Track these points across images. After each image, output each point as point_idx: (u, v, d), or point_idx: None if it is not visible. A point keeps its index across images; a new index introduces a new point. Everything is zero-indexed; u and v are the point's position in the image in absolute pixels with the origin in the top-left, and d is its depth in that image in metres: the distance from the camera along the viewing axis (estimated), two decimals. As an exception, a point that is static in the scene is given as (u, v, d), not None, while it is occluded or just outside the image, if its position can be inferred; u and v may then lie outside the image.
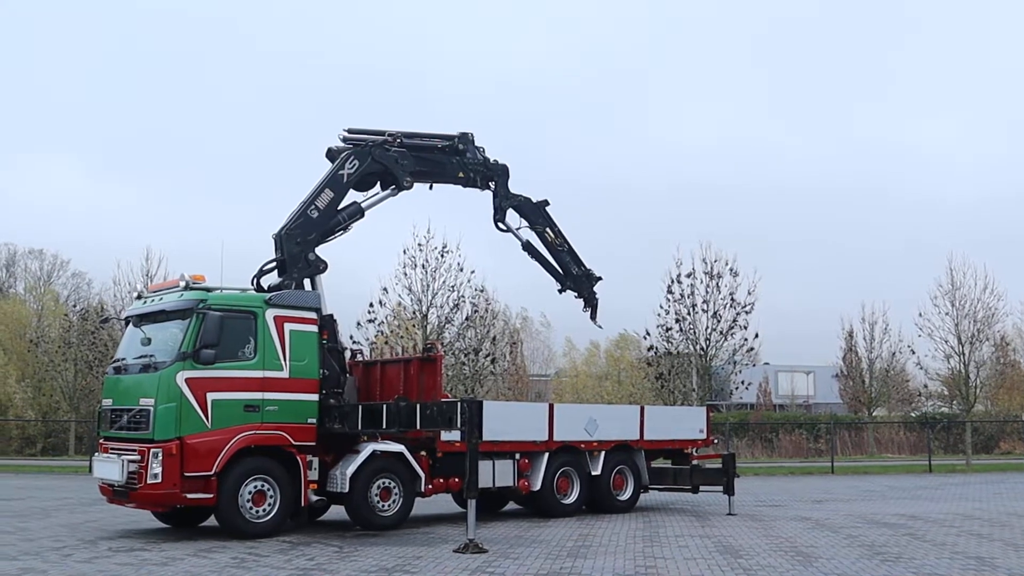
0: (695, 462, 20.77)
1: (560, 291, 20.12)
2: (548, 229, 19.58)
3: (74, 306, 51.59)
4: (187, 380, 14.15)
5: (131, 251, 67.79)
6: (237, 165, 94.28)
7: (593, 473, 18.64)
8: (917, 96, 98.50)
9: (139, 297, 16.42)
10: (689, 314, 35.42)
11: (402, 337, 35.72)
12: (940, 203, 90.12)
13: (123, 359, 15.57)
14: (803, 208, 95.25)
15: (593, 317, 20.34)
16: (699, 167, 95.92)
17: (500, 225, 19.31)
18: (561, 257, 19.80)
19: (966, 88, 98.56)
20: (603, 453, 18.80)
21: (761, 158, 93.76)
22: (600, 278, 20.16)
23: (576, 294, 20.09)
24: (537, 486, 17.75)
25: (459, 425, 14.20)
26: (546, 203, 19.58)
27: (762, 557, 12.50)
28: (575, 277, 19.93)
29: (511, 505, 19.21)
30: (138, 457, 14.05)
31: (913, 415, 49.98)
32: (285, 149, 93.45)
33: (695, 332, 35.41)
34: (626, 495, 19.27)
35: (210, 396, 14.27)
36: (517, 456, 17.52)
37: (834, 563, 11.91)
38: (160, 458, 13.83)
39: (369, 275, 35.05)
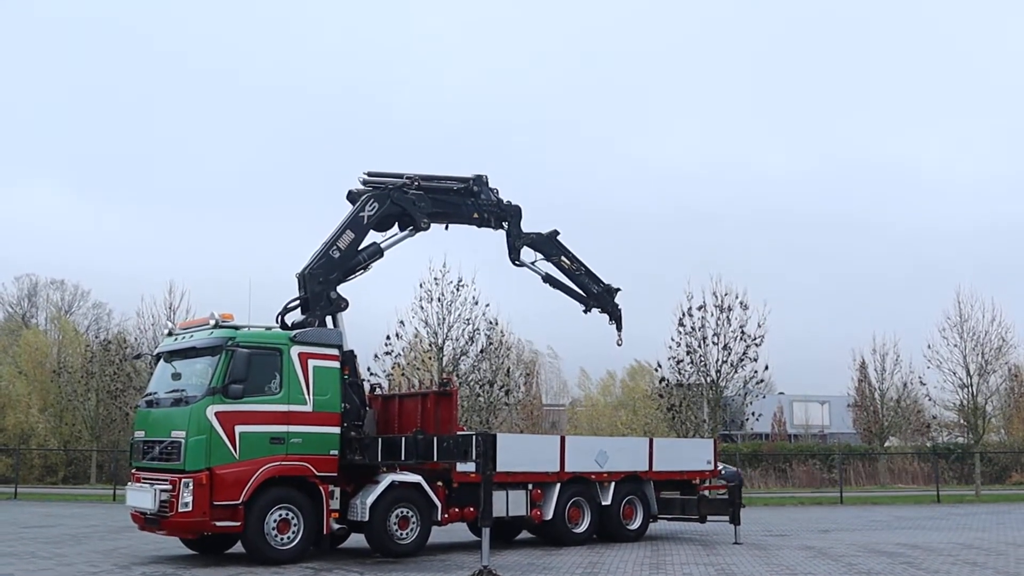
0: (703, 492, 21.38)
1: (585, 311, 20.92)
2: (563, 257, 20.40)
3: (96, 336, 52.55)
4: (216, 414, 14.94)
5: (149, 280, 69.05)
6: (254, 187, 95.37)
7: (603, 503, 19.28)
8: (918, 119, 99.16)
9: (170, 334, 17.24)
10: (700, 346, 36.08)
11: (418, 369, 36.52)
12: (941, 228, 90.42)
13: (155, 393, 16.37)
14: (804, 232, 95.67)
15: (619, 328, 21.10)
16: (685, 189, 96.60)
17: (516, 262, 20.08)
18: (580, 280, 20.61)
19: (966, 111, 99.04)
20: (613, 484, 19.44)
21: (754, 181, 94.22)
22: (619, 289, 21.02)
23: (600, 310, 20.90)
24: (549, 515, 18.41)
25: (474, 457, 14.96)
26: (556, 233, 20.39)
27: (761, 584, 13.14)
28: (596, 296, 20.77)
29: (524, 534, 19.82)
30: (170, 487, 14.82)
31: (928, 444, 50.21)
32: (290, 167, 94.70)
33: (706, 364, 36.06)
34: (635, 524, 19.89)
35: (238, 429, 15.05)
36: (530, 486, 18.21)
37: (829, 589, 12.55)
38: (191, 488, 14.60)
39: (386, 308, 35.76)
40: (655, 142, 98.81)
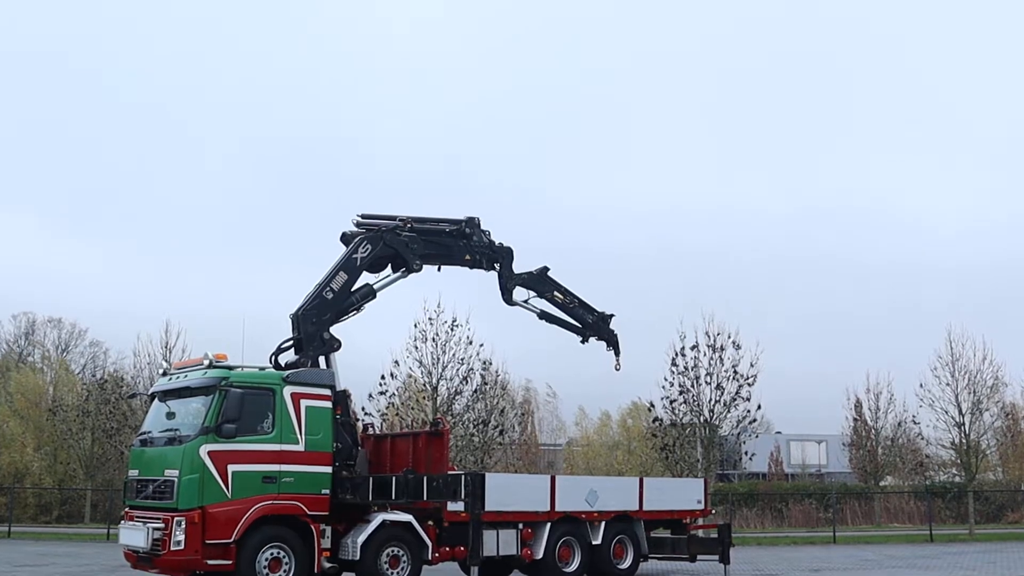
0: (693, 532, 21.52)
1: (583, 342, 21.25)
2: (556, 292, 20.71)
3: (92, 375, 52.71)
4: (210, 453, 15.16)
5: (145, 316, 69.14)
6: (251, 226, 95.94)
7: (594, 542, 19.42)
8: (898, 159, 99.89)
9: (164, 374, 17.51)
10: (693, 386, 36.25)
11: (412, 408, 36.69)
12: (924, 266, 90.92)
13: (149, 432, 16.59)
14: (790, 271, 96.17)
15: (617, 354, 21.42)
16: (668, 230, 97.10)
17: (510, 302, 20.36)
18: (575, 312, 20.93)
19: (947, 151, 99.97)
20: (603, 523, 19.59)
21: (740, 221, 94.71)
22: (613, 315, 21.37)
23: (597, 338, 21.21)
24: (540, 555, 18.55)
25: (463, 496, 15.17)
26: (546, 269, 20.71)
27: (746, 622, 13.29)
28: (592, 325, 21.11)
29: (515, 573, 19.88)
30: (162, 525, 15.01)
31: (927, 483, 50.23)
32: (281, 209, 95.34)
33: (699, 404, 36.20)
34: (626, 564, 20.02)
35: (231, 468, 15.26)
36: (520, 526, 18.36)
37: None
38: (183, 526, 14.79)
39: (381, 347, 36.03)
40: (636, 181, 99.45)
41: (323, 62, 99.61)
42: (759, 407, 36.46)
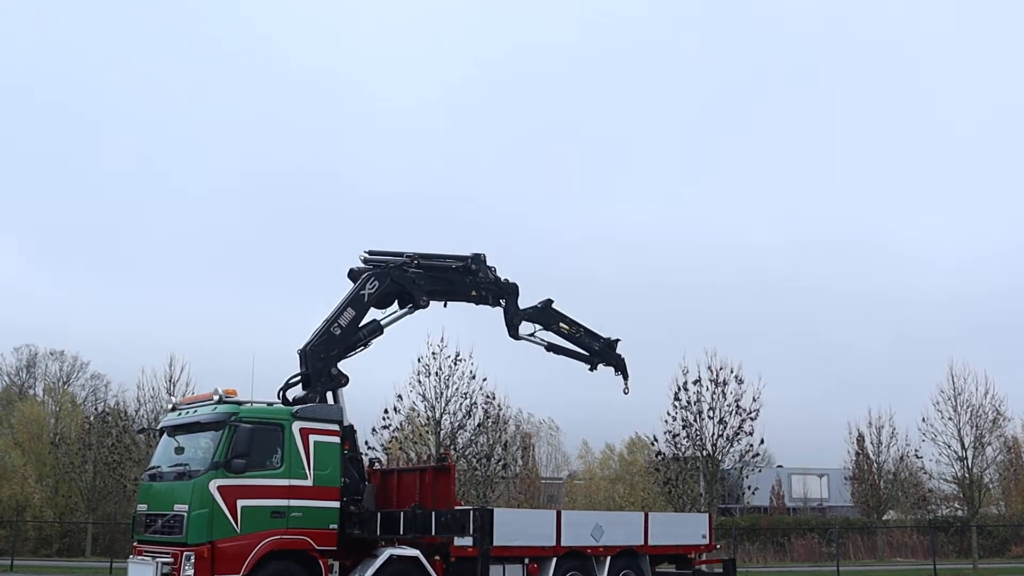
0: (698, 566, 21.54)
1: (591, 369, 21.36)
2: (561, 323, 20.83)
3: (94, 408, 52.70)
4: (219, 488, 15.26)
5: (147, 347, 69.28)
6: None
7: (600, 577, 19.47)
8: (893, 190, 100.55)
9: (174, 409, 17.63)
10: (696, 420, 36.34)
11: (415, 443, 36.75)
12: (921, 299, 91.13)
13: (158, 467, 16.70)
14: (789, 305, 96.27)
15: (625, 378, 21.52)
16: (661, 263, 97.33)
17: (516, 337, 20.48)
18: (581, 342, 21.08)
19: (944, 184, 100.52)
20: (609, 558, 19.62)
21: (732, 254, 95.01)
22: (619, 340, 21.48)
23: (605, 364, 21.33)
24: (546, 590, 18.60)
25: (471, 531, 15.30)
26: (551, 302, 20.82)
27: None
28: (599, 352, 21.22)
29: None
30: (172, 560, 15.09)
31: (930, 517, 50.11)
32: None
33: (702, 438, 36.28)
34: (631, 599, 20.05)
35: (240, 503, 15.36)
36: (526, 560, 18.41)
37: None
38: (192, 561, 14.87)
39: (384, 382, 36.13)
40: (620, 212, 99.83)
41: (306, 86, 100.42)
42: (762, 441, 36.60)
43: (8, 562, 35.87)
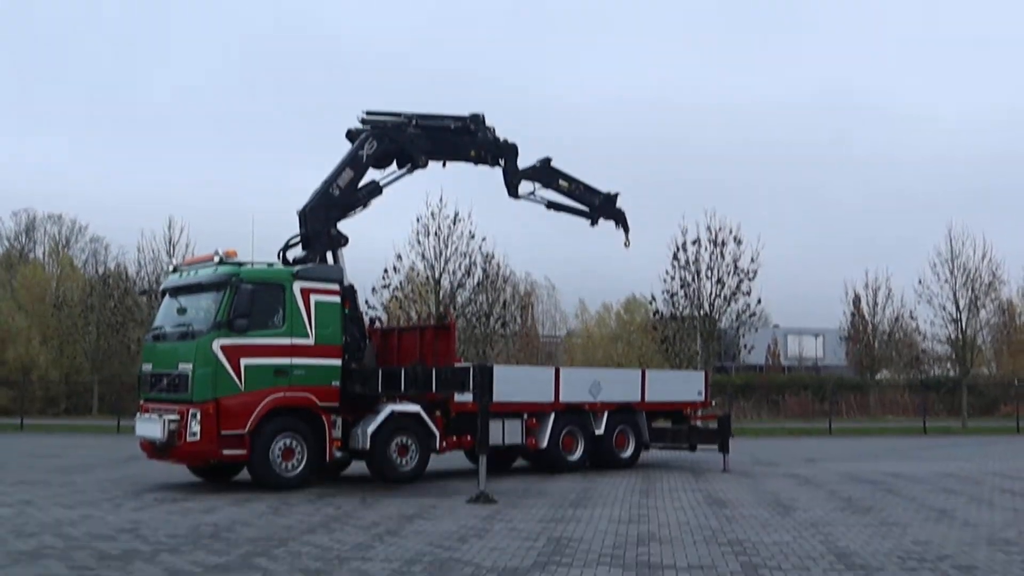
0: (693, 422, 22.03)
1: (593, 224, 21.39)
2: (560, 180, 20.75)
3: (94, 270, 52.94)
4: (222, 347, 15.44)
5: (145, 211, 69.32)
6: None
7: (597, 432, 19.91)
8: (894, 50, 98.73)
9: (175, 270, 17.70)
10: (694, 280, 36.67)
11: (415, 302, 37.12)
12: (922, 159, 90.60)
13: (161, 327, 16.86)
14: (788, 165, 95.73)
15: (627, 231, 21.56)
16: (654, 118, 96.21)
17: (516, 197, 20.42)
18: (581, 197, 21.07)
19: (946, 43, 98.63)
20: (606, 414, 20.05)
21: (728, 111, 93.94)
22: (618, 193, 21.44)
23: (606, 218, 21.40)
24: (544, 444, 19.05)
25: (471, 388, 15.52)
26: (549, 160, 20.64)
27: (746, 508, 13.77)
28: (599, 207, 21.24)
29: (520, 461, 20.42)
30: (178, 417, 15.38)
31: (922, 377, 51.01)
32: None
33: (700, 297, 36.66)
34: (627, 453, 20.55)
35: (243, 361, 15.56)
36: (525, 416, 18.80)
37: (809, 513, 13.18)
38: (198, 418, 15.17)
39: (384, 242, 36.20)
40: (616, 70, 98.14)
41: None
42: (759, 301, 37.14)
43: (17, 421, 36.68)
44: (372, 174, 18.62)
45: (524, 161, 20.22)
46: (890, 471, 19.85)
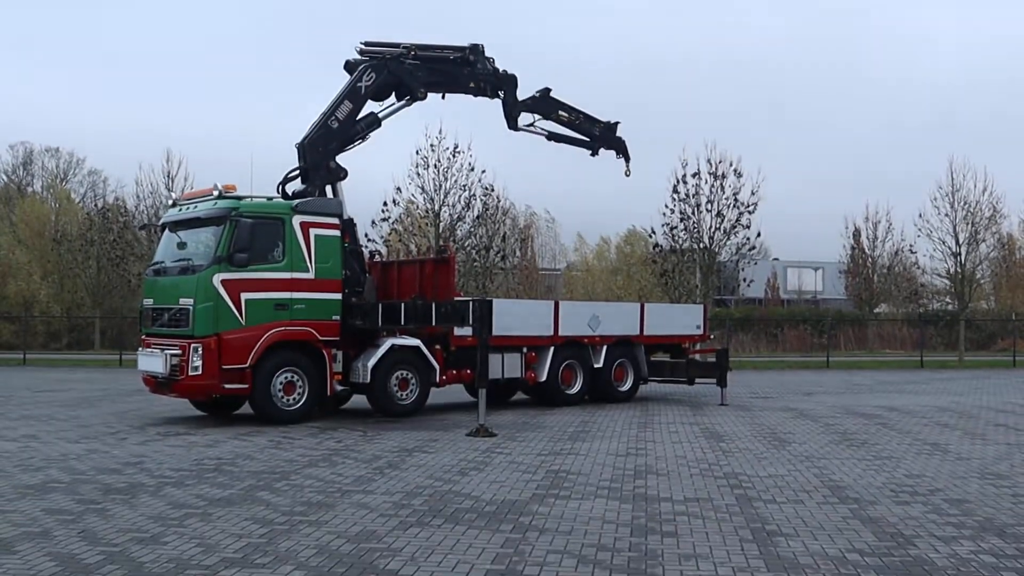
0: (691, 356, 22.16)
1: (593, 155, 21.42)
2: (560, 111, 20.67)
3: (93, 204, 52.77)
4: (223, 281, 15.47)
5: (142, 141, 68.80)
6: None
7: (595, 366, 20.05)
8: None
9: (174, 204, 17.65)
10: (694, 213, 36.62)
11: (415, 235, 37.12)
12: (922, 83, 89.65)
13: (162, 262, 16.88)
14: (788, 92, 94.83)
15: (627, 160, 21.67)
16: (647, 39, 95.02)
17: (515, 128, 20.31)
18: (581, 128, 21.05)
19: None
20: (605, 347, 20.17)
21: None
22: (618, 123, 21.46)
23: (606, 148, 21.42)
24: (543, 377, 19.19)
25: (471, 322, 15.61)
26: (548, 90, 20.51)
27: (742, 441, 13.94)
28: (600, 137, 21.25)
29: (519, 395, 20.60)
30: (180, 351, 15.47)
31: (920, 311, 51.16)
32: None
33: (699, 231, 36.63)
34: (626, 386, 20.72)
35: (244, 296, 15.61)
36: (525, 350, 18.91)
37: (804, 447, 13.34)
38: (200, 352, 15.26)
39: (383, 175, 36.23)
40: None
41: None
42: (759, 235, 37.11)
43: (20, 356, 36.89)
44: (371, 106, 18.50)
45: (525, 93, 20.10)
46: (886, 405, 20.04)
